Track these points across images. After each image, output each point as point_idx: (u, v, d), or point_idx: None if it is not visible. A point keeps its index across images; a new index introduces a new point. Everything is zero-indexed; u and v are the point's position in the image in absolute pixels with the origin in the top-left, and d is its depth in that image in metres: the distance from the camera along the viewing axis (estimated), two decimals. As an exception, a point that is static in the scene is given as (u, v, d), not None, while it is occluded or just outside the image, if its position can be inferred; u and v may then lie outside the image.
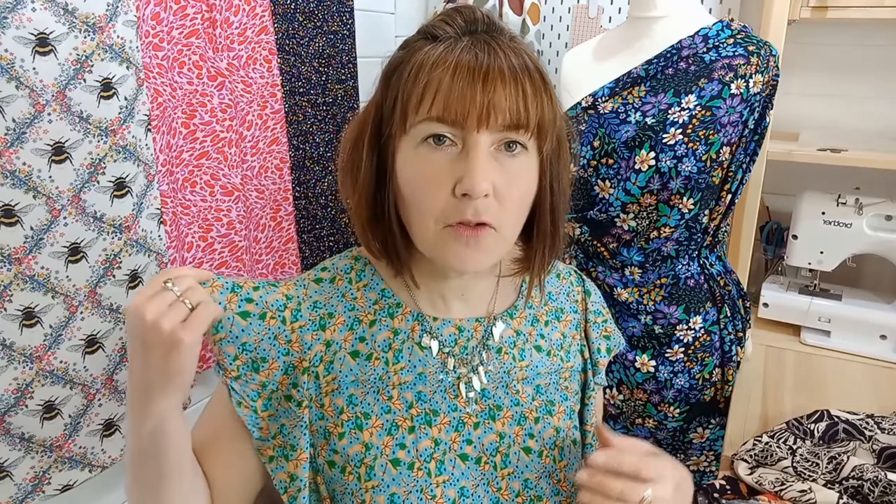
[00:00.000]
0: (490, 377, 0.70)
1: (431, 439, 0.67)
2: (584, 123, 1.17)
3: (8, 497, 1.01)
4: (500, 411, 0.70)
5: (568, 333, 0.78)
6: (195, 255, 1.29)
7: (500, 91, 0.58)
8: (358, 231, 0.68)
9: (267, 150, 1.41)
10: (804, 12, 1.39)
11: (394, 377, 0.67)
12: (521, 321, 0.74)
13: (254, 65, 1.34)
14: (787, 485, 1.08)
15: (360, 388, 0.67)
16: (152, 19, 1.12)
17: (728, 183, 1.13)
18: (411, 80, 0.60)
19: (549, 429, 0.73)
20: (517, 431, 0.71)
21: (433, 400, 0.68)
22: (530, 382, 0.73)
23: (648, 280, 1.19)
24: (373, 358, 0.68)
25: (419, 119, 0.59)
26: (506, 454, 0.70)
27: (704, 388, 1.21)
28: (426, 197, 0.60)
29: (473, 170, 0.58)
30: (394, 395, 0.67)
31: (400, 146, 0.62)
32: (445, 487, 0.66)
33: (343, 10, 1.58)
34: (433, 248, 0.62)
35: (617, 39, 1.24)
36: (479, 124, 0.58)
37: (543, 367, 0.74)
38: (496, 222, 0.60)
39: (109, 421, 1.12)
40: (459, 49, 0.59)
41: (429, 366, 0.68)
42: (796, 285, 1.55)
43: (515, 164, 0.61)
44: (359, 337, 0.68)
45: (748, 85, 1.08)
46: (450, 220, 0.60)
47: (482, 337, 0.71)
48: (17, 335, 0.96)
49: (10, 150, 0.91)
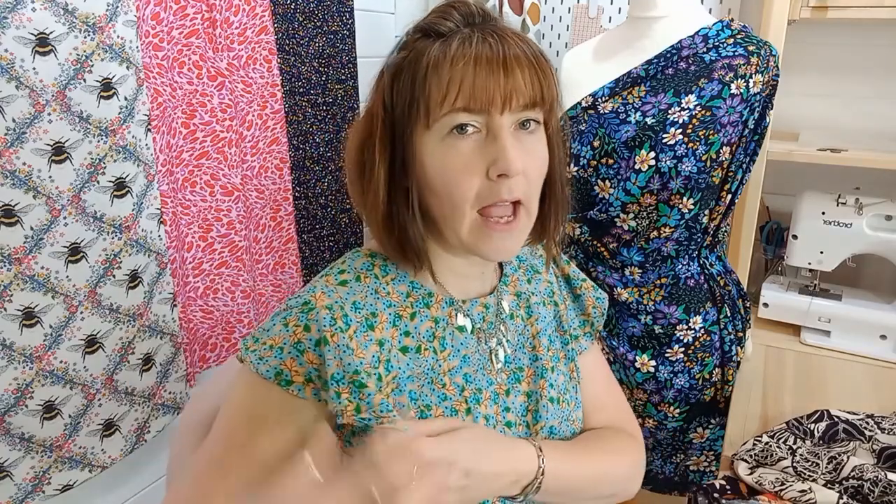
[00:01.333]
0: (510, 344, 0.75)
1: (483, 416, 0.70)
2: (584, 123, 1.17)
3: (8, 497, 1.01)
4: (522, 372, 0.75)
5: (552, 281, 0.84)
6: (195, 255, 1.29)
7: (520, 76, 0.61)
8: (373, 229, 0.68)
9: (267, 150, 1.42)
10: (804, 12, 1.39)
11: (444, 364, 0.69)
12: (516, 284, 0.80)
13: (254, 65, 1.35)
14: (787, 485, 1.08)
15: (416, 382, 0.67)
16: (152, 19, 1.12)
17: (728, 183, 1.13)
18: (431, 77, 0.62)
19: (561, 375, 0.78)
20: (542, 385, 0.75)
21: (476, 379, 0.71)
22: (544, 334, 0.78)
23: (648, 280, 1.19)
24: (422, 350, 0.69)
25: (444, 112, 0.62)
26: (536, 411, 0.74)
27: (704, 388, 1.21)
28: (462, 183, 0.63)
29: (506, 150, 0.61)
30: (447, 382, 0.69)
31: (422, 141, 0.64)
32: None
33: (343, 10, 1.58)
34: (469, 235, 0.65)
35: (617, 39, 1.24)
36: (502, 108, 0.61)
37: (548, 315, 0.80)
38: (525, 198, 0.65)
39: (109, 421, 1.12)
40: (474, 42, 0.62)
41: (469, 346, 0.72)
42: (796, 285, 1.55)
43: (532, 140, 0.65)
44: (403, 332, 0.68)
45: (748, 85, 1.08)
46: (486, 202, 0.63)
47: (499, 309, 0.76)
48: (17, 335, 0.97)
49: (10, 150, 0.91)
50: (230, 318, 1.36)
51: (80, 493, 1.14)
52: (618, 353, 1.23)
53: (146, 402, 1.19)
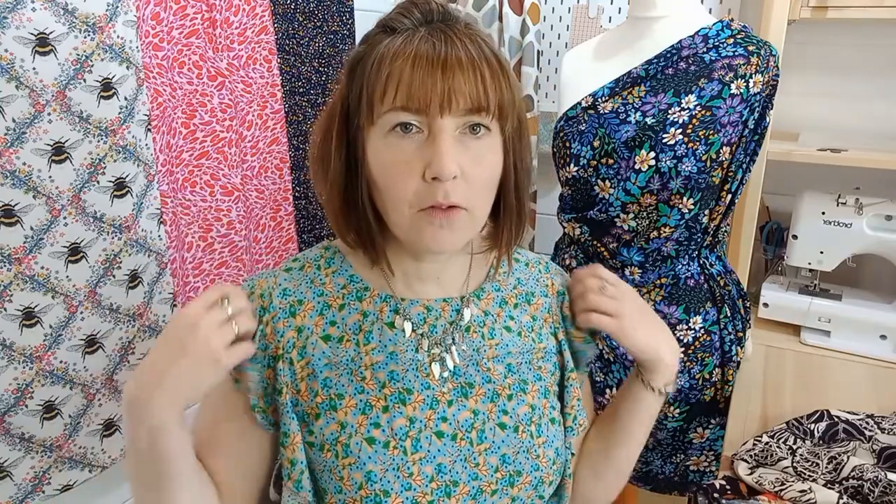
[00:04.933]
0: (462, 356, 0.72)
1: (406, 417, 0.69)
2: (584, 123, 1.17)
3: (8, 497, 1.01)
4: (472, 389, 0.72)
5: (539, 316, 0.79)
6: (195, 255, 1.29)
7: (460, 78, 0.61)
8: (331, 221, 0.70)
9: (267, 150, 1.42)
10: (804, 12, 1.39)
11: (365, 358, 0.70)
12: (489, 302, 0.76)
13: (254, 65, 1.35)
14: (787, 485, 1.08)
15: (333, 370, 0.69)
16: (152, 19, 1.12)
17: (728, 183, 1.13)
18: (374, 72, 0.63)
19: (524, 406, 0.74)
20: (490, 408, 0.72)
21: (406, 378, 0.70)
22: (501, 361, 0.74)
23: (648, 280, 1.19)
24: (344, 340, 0.70)
25: (385, 109, 0.62)
26: (481, 430, 0.71)
27: (704, 388, 1.21)
28: (398, 183, 0.63)
29: (440, 154, 0.61)
30: (367, 376, 0.69)
31: (369, 136, 0.65)
32: (422, 464, 0.68)
33: (343, 10, 1.58)
34: (409, 232, 0.65)
35: (617, 39, 1.24)
36: (441, 110, 0.61)
37: (514, 346, 0.75)
38: (466, 203, 0.64)
39: (109, 421, 1.12)
40: (417, 40, 0.62)
41: (399, 345, 0.71)
42: (796, 285, 1.55)
43: (480, 146, 0.64)
44: (329, 321, 0.71)
45: (748, 85, 1.08)
46: (422, 205, 0.63)
47: (451, 317, 0.73)
48: (17, 335, 0.97)
49: (10, 150, 0.91)
50: (230, 318, 1.36)
51: (80, 493, 1.14)
52: (618, 353, 1.23)
53: (146, 402, 1.19)
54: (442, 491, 0.67)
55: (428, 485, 0.67)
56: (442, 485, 0.68)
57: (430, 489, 0.67)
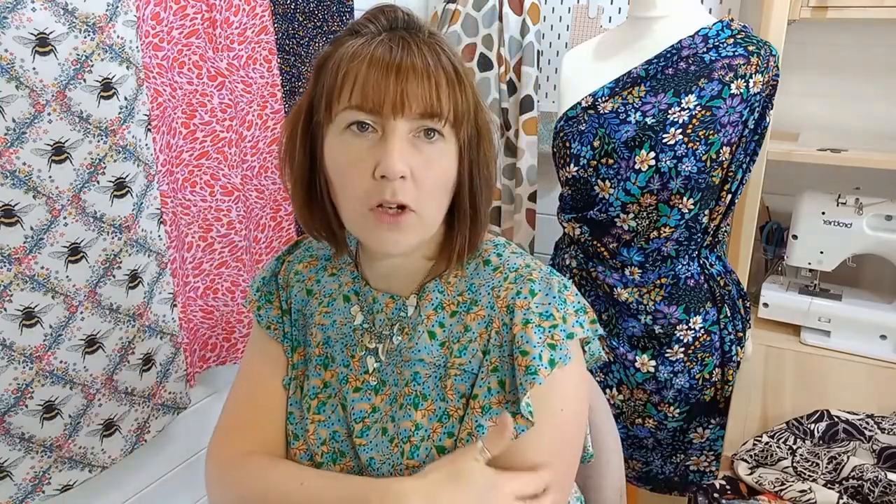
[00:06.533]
0: (389, 354, 0.75)
1: (321, 380, 0.77)
2: (584, 123, 1.17)
3: (8, 497, 1.01)
4: (384, 387, 0.75)
5: (473, 328, 0.71)
6: (195, 255, 1.29)
7: (413, 83, 0.63)
8: (297, 215, 0.74)
9: (267, 150, 1.41)
10: (804, 12, 1.39)
11: (317, 316, 0.78)
12: (425, 303, 0.74)
13: (254, 65, 1.34)
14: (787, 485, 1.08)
15: (300, 319, 0.80)
16: (152, 19, 1.12)
17: (728, 183, 1.13)
18: (333, 72, 0.65)
19: (408, 421, 0.70)
20: (386, 410, 0.73)
21: (335, 349, 0.77)
22: (410, 366, 0.72)
23: (648, 280, 1.19)
24: (313, 296, 0.80)
25: (341, 108, 0.65)
26: (367, 427, 0.74)
27: (704, 388, 1.21)
28: (350, 180, 0.66)
29: (389, 152, 0.63)
30: (313, 332, 0.78)
31: (327, 134, 0.68)
32: (319, 426, 0.75)
33: (343, 10, 1.58)
34: (360, 230, 0.68)
35: (617, 39, 1.24)
36: (394, 112, 0.63)
37: (429, 354, 0.72)
38: (415, 204, 0.65)
39: (109, 421, 1.12)
40: (376, 44, 0.64)
41: (343, 317, 0.77)
42: (796, 285, 1.55)
43: (433, 150, 0.66)
44: (317, 280, 0.81)
45: (748, 85, 1.08)
46: (372, 202, 0.65)
47: (393, 314, 0.75)
48: (17, 335, 0.96)
49: (10, 150, 0.91)
50: (230, 318, 1.36)
51: (80, 493, 1.14)
52: (618, 353, 1.23)
53: (146, 402, 1.19)
54: (330, 456, 0.75)
55: (320, 445, 0.75)
56: (331, 451, 0.75)
57: (320, 451, 0.75)
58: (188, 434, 1.40)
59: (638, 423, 1.26)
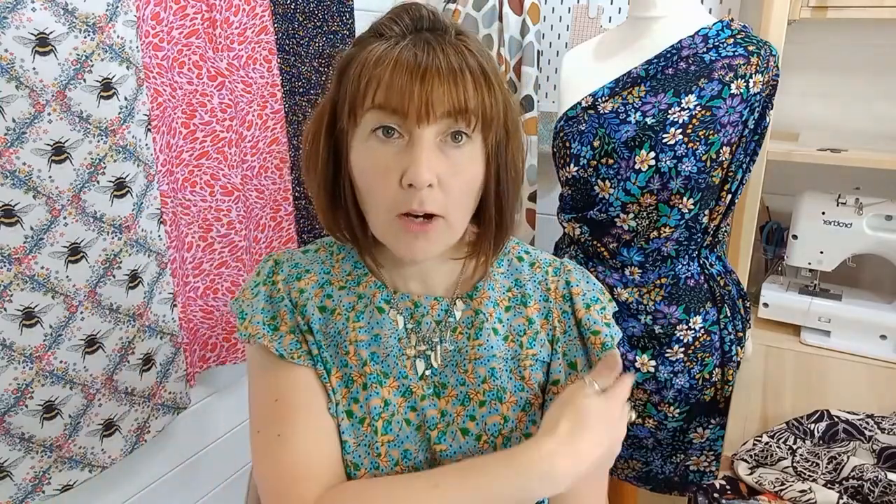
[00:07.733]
0: (444, 357, 0.73)
1: (381, 399, 0.71)
2: (584, 123, 1.17)
3: (8, 497, 1.01)
4: (445, 389, 0.73)
5: (536, 321, 0.75)
6: (195, 254, 1.29)
7: (438, 87, 0.61)
8: (321, 218, 0.73)
9: (267, 150, 1.42)
10: (804, 12, 1.39)
11: (351, 333, 0.72)
12: (482, 302, 0.75)
13: (254, 65, 1.35)
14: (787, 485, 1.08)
15: (325, 339, 0.72)
16: (152, 19, 1.12)
17: (728, 183, 1.13)
18: (356, 76, 0.64)
19: (496, 415, 0.72)
20: (458, 411, 0.72)
21: (385, 363, 0.72)
22: (484, 364, 0.72)
23: (648, 280, 1.19)
24: (335, 313, 0.73)
25: (365, 109, 0.63)
26: (443, 431, 0.71)
27: (704, 388, 1.21)
28: (377, 187, 0.64)
29: (417, 161, 0.61)
30: (350, 351, 0.72)
31: (352, 139, 0.66)
32: (390, 447, 0.70)
33: (343, 10, 1.58)
34: (387, 237, 0.67)
35: (617, 39, 1.24)
36: (419, 120, 0.61)
37: (499, 350, 0.73)
38: (442, 211, 0.64)
39: (109, 421, 1.12)
40: (400, 48, 0.62)
41: (385, 329, 0.72)
42: (796, 285, 1.55)
43: (461, 155, 0.64)
44: (327, 294, 0.74)
45: (748, 85, 1.08)
46: (399, 210, 0.63)
47: (439, 316, 0.74)
48: (17, 335, 0.96)
49: (10, 150, 0.91)
50: (230, 318, 1.36)
51: (80, 493, 1.14)
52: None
53: (146, 402, 1.19)
54: None
55: (393, 467, 0.70)
56: (405, 469, 0.70)
57: (395, 472, 0.70)
58: (188, 434, 1.40)
59: (638, 423, 1.26)
